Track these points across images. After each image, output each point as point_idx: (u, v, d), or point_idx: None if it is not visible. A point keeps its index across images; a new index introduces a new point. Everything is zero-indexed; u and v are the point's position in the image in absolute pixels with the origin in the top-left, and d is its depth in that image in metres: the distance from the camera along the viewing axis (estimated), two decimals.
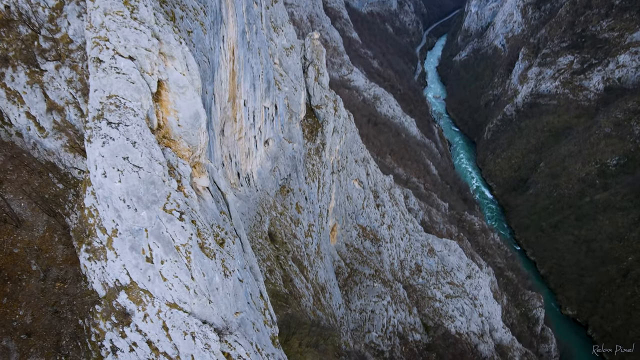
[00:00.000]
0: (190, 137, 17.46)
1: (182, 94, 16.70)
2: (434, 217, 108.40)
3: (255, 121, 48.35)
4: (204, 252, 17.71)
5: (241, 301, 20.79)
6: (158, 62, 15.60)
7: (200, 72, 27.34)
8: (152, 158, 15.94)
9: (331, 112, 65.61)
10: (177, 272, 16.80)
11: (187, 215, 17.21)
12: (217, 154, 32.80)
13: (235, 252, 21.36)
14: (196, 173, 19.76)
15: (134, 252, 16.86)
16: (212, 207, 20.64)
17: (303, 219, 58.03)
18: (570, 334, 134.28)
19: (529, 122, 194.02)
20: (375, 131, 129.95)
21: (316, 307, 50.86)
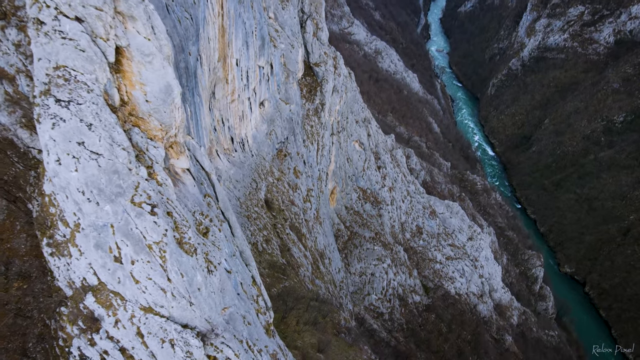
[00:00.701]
0: (161, 114, 14.65)
1: (149, 64, 13.75)
2: (436, 177, 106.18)
3: (249, 82, 44.96)
4: (183, 248, 15.32)
5: (229, 295, 18.68)
6: (114, 24, 12.55)
7: (182, 31, 24.06)
8: (113, 143, 13.23)
9: (331, 70, 61.80)
10: (151, 273, 14.50)
11: (161, 207, 14.68)
12: (205, 122, 29.89)
13: (222, 240, 19.02)
14: (173, 154, 17.07)
15: (100, 251, 14.48)
16: (193, 192, 18.10)
17: (301, 184, 55.69)
18: (568, 292, 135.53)
19: (535, 77, 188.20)
20: (376, 88, 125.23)
21: (315, 276, 49.43)
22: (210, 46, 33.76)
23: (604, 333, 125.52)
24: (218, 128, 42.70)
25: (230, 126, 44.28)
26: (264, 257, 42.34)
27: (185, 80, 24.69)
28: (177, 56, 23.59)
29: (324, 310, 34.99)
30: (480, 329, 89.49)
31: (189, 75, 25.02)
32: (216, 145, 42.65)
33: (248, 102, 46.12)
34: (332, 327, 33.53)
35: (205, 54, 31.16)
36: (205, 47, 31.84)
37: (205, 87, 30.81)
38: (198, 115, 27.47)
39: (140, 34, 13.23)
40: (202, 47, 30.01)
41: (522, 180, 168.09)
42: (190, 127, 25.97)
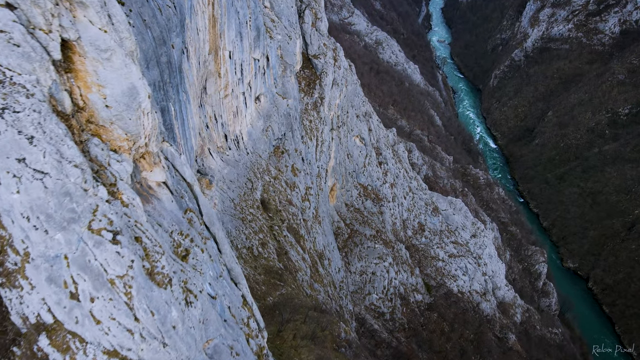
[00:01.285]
0: (125, 122, 12.16)
1: (107, 61, 11.22)
2: (438, 172, 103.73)
3: (244, 75, 42.34)
4: (154, 280, 12.91)
5: (213, 325, 16.32)
6: (58, 12, 10.02)
7: (163, 21, 21.45)
8: (62, 159, 10.75)
9: (330, 62, 59.07)
10: (114, 312, 12.10)
11: (127, 233, 12.24)
12: (193, 121, 27.35)
13: (206, 262, 16.62)
14: (146, 166, 14.59)
15: (53, 285, 12.06)
16: (171, 209, 15.66)
17: (299, 182, 53.26)
18: (571, 287, 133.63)
19: (538, 69, 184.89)
20: (377, 80, 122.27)
21: (314, 280, 47.17)
22: (199, 37, 31.13)
23: (608, 329, 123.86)
24: (210, 125, 40.17)
25: (223, 123, 41.75)
26: (259, 262, 40.04)
27: (168, 76, 22.10)
28: (158, 49, 21.00)
29: (323, 321, 32.83)
30: (483, 328, 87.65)
31: (172, 71, 22.43)
32: (209, 144, 40.15)
33: (243, 97, 43.53)
34: (332, 340, 31.37)
35: (193, 46, 28.54)
36: (194, 39, 29.23)
37: (193, 83, 28.23)
38: (184, 114, 24.92)
39: (94, 24, 10.69)
40: (189, 39, 27.39)
41: (525, 173, 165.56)
42: (174, 128, 23.45)
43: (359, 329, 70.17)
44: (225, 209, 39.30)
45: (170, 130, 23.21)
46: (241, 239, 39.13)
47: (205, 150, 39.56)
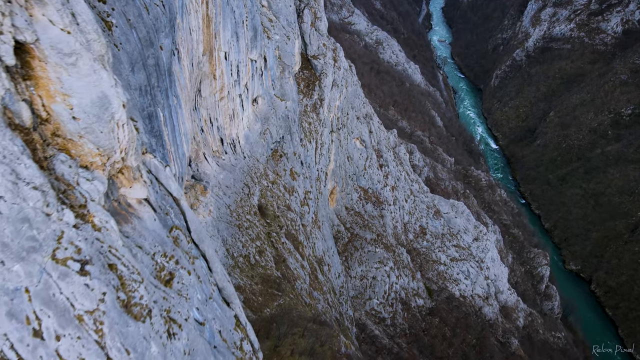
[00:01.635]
0: (96, 135, 10.68)
1: (72, 67, 9.75)
2: (439, 174, 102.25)
3: (240, 77, 40.86)
4: (131, 313, 11.44)
5: (201, 355, 14.84)
6: (10, 10, 8.56)
7: (150, 21, 19.96)
8: (18, 180, 9.29)
9: (330, 62, 57.60)
10: (83, 352, 10.62)
11: (98, 261, 10.77)
12: (184, 126, 25.87)
13: (193, 285, 15.15)
14: (125, 182, 13.11)
15: (15, 321, 10.55)
16: (154, 228, 14.17)
17: (298, 187, 51.80)
18: (573, 289, 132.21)
19: (540, 69, 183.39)
20: (377, 80, 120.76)
21: (313, 288, 45.72)
22: (192, 38, 29.66)
23: (611, 332, 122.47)
24: (206, 129, 38.73)
25: (219, 126, 40.29)
26: (256, 271, 38.58)
27: (156, 80, 20.61)
28: (144, 51, 19.53)
29: (323, 335, 31.42)
30: (486, 333, 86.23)
31: (160, 74, 20.94)
32: (204, 148, 38.69)
33: (239, 100, 42.05)
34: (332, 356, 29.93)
35: (185, 47, 27.05)
36: (186, 40, 27.75)
37: (185, 86, 26.75)
38: (175, 119, 23.44)
39: (55, 24, 9.22)
40: (180, 40, 25.91)
41: (527, 174, 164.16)
42: (164, 135, 21.97)
43: (359, 335, 68.74)
44: (221, 215, 37.84)
45: (159, 137, 21.73)
46: (237, 247, 37.68)
47: (200, 154, 38.10)
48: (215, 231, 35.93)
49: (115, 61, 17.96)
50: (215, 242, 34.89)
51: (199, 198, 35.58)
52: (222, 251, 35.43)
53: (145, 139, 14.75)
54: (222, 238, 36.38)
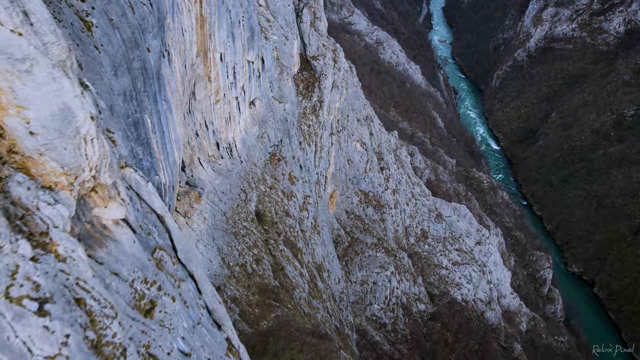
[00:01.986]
0: (59, 152, 9.25)
1: (27, 74, 8.33)
2: (441, 176, 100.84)
3: (237, 79, 39.43)
4: (101, 354, 9.99)
5: None
6: None
7: (135, 21, 18.53)
8: None
9: (330, 63, 56.18)
10: None
11: (62, 298, 9.34)
12: (175, 133, 24.43)
13: (178, 313, 13.71)
14: (98, 201, 11.67)
15: None
16: (132, 251, 12.73)
17: (297, 191, 50.38)
18: (576, 292, 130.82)
19: (542, 69, 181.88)
20: (378, 81, 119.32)
21: (312, 296, 44.30)
22: (184, 39, 28.22)
23: (614, 336, 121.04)
24: (201, 133, 37.30)
25: (215, 130, 38.86)
26: (253, 280, 37.16)
27: (143, 84, 19.16)
28: (129, 53, 18.10)
29: (322, 350, 30.02)
30: (488, 338, 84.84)
31: (147, 77, 19.50)
32: (199, 153, 37.25)
33: (236, 102, 40.63)
34: None
35: (176, 48, 25.61)
36: (178, 40, 26.31)
37: (177, 89, 25.31)
38: (164, 125, 21.99)
39: (4, 24, 7.78)
40: (171, 41, 24.47)
41: (528, 175, 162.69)
42: (152, 142, 20.53)
43: (359, 341, 67.35)
44: (217, 223, 36.41)
45: (146, 145, 20.29)
46: (233, 255, 36.25)
47: (195, 160, 36.67)
48: (210, 240, 34.50)
49: (95, 65, 16.54)
50: (210, 252, 33.46)
51: (193, 205, 34.15)
52: (218, 260, 34.01)
53: (125, 151, 13.30)
54: (217, 247, 34.95)
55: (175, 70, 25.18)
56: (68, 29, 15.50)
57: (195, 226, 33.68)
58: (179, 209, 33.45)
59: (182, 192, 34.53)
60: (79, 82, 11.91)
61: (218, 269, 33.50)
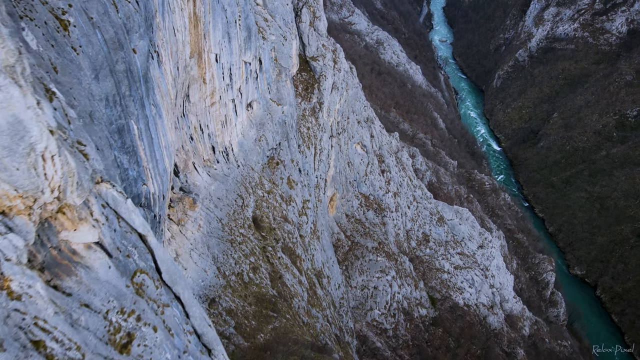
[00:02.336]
0: (11, 173, 7.90)
1: None
2: (442, 178, 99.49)
3: (233, 81, 38.07)
4: None
5: None
6: None
7: (119, 20, 17.18)
8: None
9: (330, 64, 54.81)
10: None
11: (15, 343, 7.98)
12: (166, 139, 23.07)
13: (159, 345, 12.34)
14: (66, 224, 10.30)
15: None
16: (107, 278, 11.35)
17: (296, 196, 49.01)
18: (578, 295, 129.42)
19: (543, 69, 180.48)
20: (378, 82, 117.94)
21: (311, 305, 42.94)
22: (177, 39, 26.86)
23: (617, 339, 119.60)
24: (195, 137, 35.94)
25: (210, 133, 37.50)
26: (250, 290, 35.79)
27: (128, 88, 17.80)
28: (112, 55, 16.74)
29: None
30: (491, 343, 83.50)
31: (133, 81, 18.14)
32: (194, 157, 35.89)
33: (232, 105, 39.27)
34: None
35: (167, 49, 24.24)
36: (169, 41, 24.95)
37: (167, 93, 23.93)
38: (153, 131, 20.62)
39: None
40: (161, 41, 23.11)
41: (530, 177, 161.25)
42: (138, 150, 19.17)
43: (360, 347, 66.05)
44: (212, 230, 35.04)
45: (132, 153, 18.92)
46: (229, 264, 34.89)
47: (189, 164, 35.30)
48: (205, 248, 33.13)
49: (73, 68, 15.15)
50: (204, 261, 32.08)
51: (187, 212, 32.78)
52: (213, 270, 32.64)
53: (100, 165, 11.91)
54: (212, 255, 33.58)
55: (166, 72, 23.81)
56: (41, 29, 14.13)
57: (189, 234, 32.31)
58: (172, 216, 32.10)
59: (176, 199, 33.18)
60: (44, 89, 10.53)
61: (213, 279, 32.13)
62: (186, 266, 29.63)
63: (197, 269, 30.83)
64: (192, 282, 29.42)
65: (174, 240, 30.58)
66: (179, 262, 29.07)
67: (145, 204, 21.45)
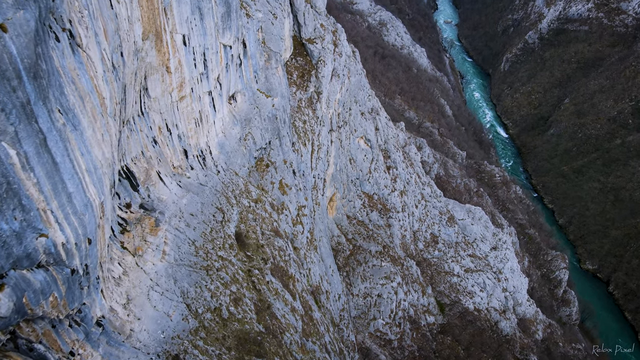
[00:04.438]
0: None
1: None
2: (450, 170, 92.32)
3: (209, 69, 30.76)
4: None
5: None
6: None
7: None
8: None
9: (329, 47, 47.28)
10: None
11: None
12: (89, 159, 16.00)
13: None
14: None
15: None
16: None
17: (290, 202, 42.06)
18: (589, 291, 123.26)
19: (554, 52, 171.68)
20: (382, 66, 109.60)
21: (306, 336, 36.34)
22: (118, 14, 19.53)
23: (631, 338, 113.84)
24: (161, 139, 28.79)
25: (181, 134, 30.33)
26: (231, 328, 29.09)
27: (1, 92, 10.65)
28: None
29: None
30: (502, 350, 77.43)
31: (6, 79, 10.93)
32: (158, 165, 28.77)
33: (209, 98, 32.01)
34: None
35: (93, 27, 16.92)
36: (102, 16, 17.66)
37: (94, 90, 16.70)
38: (58, 152, 13.55)
39: None
40: (80, 15, 15.79)
41: (539, 166, 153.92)
42: (23, 186, 12.14)
43: None
44: (182, 257, 28.16)
45: (9, 194, 11.89)
46: (204, 299, 28.09)
47: (152, 175, 28.21)
48: (171, 282, 26.29)
49: None
50: (168, 301, 25.27)
51: (146, 239, 25.84)
52: (180, 311, 25.86)
53: None
54: (181, 290, 26.76)
55: (91, 61, 16.54)
56: None
57: (149, 267, 25.42)
58: (127, 244, 25.17)
59: (133, 220, 26.20)
60: None
61: (180, 323, 25.34)
62: (140, 315, 22.78)
63: (157, 315, 24.01)
64: (148, 338, 22.60)
65: (126, 277, 23.70)
66: (130, 311, 22.22)
67: (52, 260, 14.44)
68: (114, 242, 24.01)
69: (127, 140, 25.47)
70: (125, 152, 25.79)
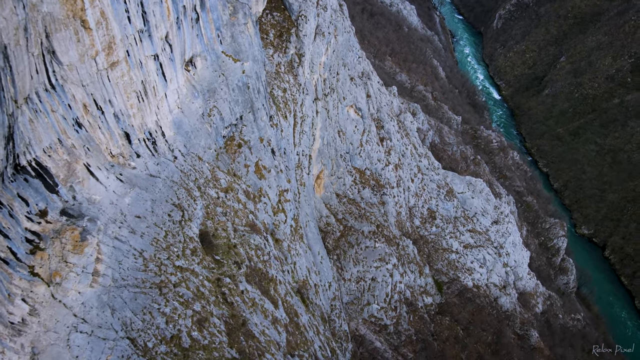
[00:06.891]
0: None
1: None
2: (446, 137, 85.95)
3: (151, 24, 23.29)
4: None
5: None
6: None
7: None
8: None
9: (312, 0, 39.45)
10: None
11: None
12: None
13: None
14: None
15: None
16: None
17: (269, 187, 35.38)
18: (584, 255, 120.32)
19: (550, 7, 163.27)
20: (371, 25, 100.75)
21: (292, 350, 30.49)
22: None
23: (628, 304, 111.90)
24: (87, 121, 21.60)
25: (118, 113, 23.10)
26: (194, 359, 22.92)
27: None
28: None
29: None
30: (502, 326, 73.80)
31: None
32: (85, 156, 21.71)
33: (155, 65, 24.62)
34: None
35: None
36: None
37: None
38: None
39: None
40: None
41: (533, 128, 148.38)
42: None
43: (356, 350, 55.24)
44: (124, 275, 21.57)
45: None
46: (155, 327, 21.73)
47: (76, 169, 21.18)
48: (107, 314, 19.78)
49: None
50: (100, 343, 18.81)
51: (67, 259, 19.09)
52: (120, 351, 19.47)
53: None
54: (122, 323, 20.29)
55: None
56: None
57: (72, 298, 18.81)
58: (39, 269, 18.45)
59: (49, 234, 19.38)
60: None
61: None
62: None
63: None
64: None
65: (34, 319, 17.10)
66: None
67: None
68: (14, 269, 17.27)
69: (30, 125, 18.32)
70: (31, 142, 18.68)
